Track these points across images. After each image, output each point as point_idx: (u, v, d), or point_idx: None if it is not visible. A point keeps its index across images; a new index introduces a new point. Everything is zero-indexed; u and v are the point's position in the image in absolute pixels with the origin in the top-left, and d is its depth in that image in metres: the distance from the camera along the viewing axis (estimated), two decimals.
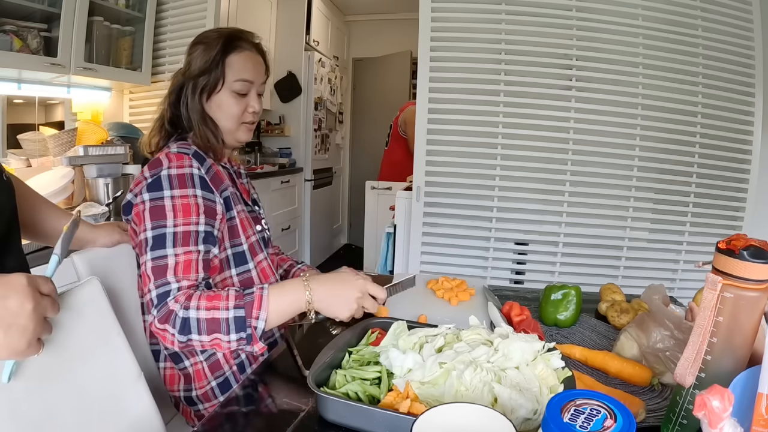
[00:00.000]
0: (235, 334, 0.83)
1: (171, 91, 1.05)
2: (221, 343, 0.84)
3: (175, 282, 0.87)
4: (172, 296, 0.85)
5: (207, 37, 1.05)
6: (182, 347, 0.86)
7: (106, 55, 2.25)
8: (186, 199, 0.92)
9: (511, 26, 2.06)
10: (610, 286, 1.21)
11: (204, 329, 0.82)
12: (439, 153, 2.13)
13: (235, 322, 0.82)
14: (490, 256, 2.16)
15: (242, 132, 1.09)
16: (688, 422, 0.60)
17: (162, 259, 0.88)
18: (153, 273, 0.88)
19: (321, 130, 4.23)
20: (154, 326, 0.85)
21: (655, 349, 0.83)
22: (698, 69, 2.04)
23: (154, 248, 0.89)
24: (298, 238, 3.96)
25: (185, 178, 0.94)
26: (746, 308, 0.56)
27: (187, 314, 0.83)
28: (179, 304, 0.84)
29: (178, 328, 0.83)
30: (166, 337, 0.85)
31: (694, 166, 2.08)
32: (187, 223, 0.91)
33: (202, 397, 1.04)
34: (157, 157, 0.97)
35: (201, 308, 0.83)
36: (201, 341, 0.84)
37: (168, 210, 0.91)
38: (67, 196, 1.97)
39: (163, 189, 0.92)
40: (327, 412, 0.66)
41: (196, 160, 0.98)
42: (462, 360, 0.67)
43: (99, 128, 2.30)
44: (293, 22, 3.83)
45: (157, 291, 0.86)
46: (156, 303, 0.86)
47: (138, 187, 0.96)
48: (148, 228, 0.90)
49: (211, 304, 0.83)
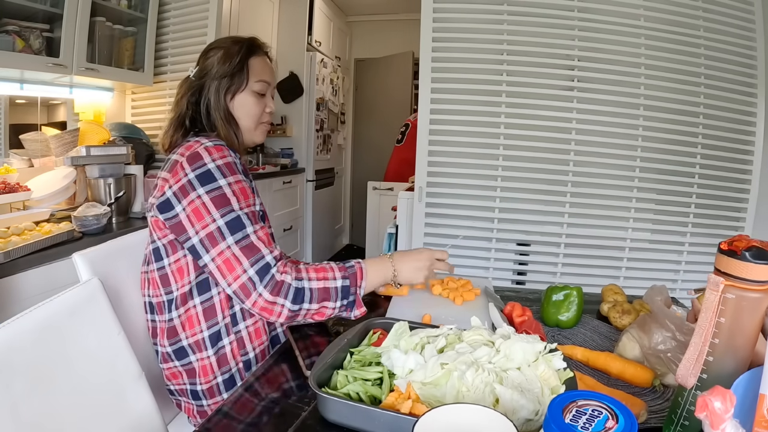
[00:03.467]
0: (340, 301, 0.95)
1: (191, 93, 1.09)
2: (326, 310, 0.95)
3: (269, 254, 0.93)
4: (274, 267, 0.92)
5: (223, 43, 1.12)
6: (289, 317, 0.92)
7: (108, 55, 2.26)
8: (240, 184, 0.98)
9: (512, 27, 2.06)
10: (611, 287, 1.20)
11: (316, 298, 0.93)
12: (441, 154, 2.13)
13: (342, 291, 0.95)
14: (491, 256, 2.16)
15: (259, 133, 1.17)
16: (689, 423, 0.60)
17: (246, 239, 0.93)
18: (243, 253, 0.92)
19: (323, 131, 4.23)
20: (262, 301, 0.90)
21: (656, 350, 0.83)
22: (700, 69, 2.04)
23: (233, 232, 0.93)
24: (300, 239, 3.96)
25: (232, 166, 0.99)
26: (748, 309, 0.55)
27: (301, 284, 0.92)
28: (288, 275, 0.92)
29: (291, 298, 0.91)
30: (275, 310, 0.91)
31: (696, 166, 2.08)
32: (249, 205, 0.98)
33: (207, 392, 1.04)
34: (193, 151, 0.98)
35: (313, 279, 0.94)
36: (309, 309, 0.93)
37: (230, 196, 0.95)
38: (69, 197, 1.98)
39: (217, 179, 0.95)
40: (328, 412, 0.67)
41: (231, 150, 1.03)
42: (463, 361, 0.67)
43: (101, 128, 2.30)
44: (295, 23, 3.84)
45: (254, 268, 0.91)
46: (259, 279, 0.90)
47: (179, 183, 0.96)
48: (217, 217, 0.93)
49: (321, 275, 0.95)
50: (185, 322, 1.02)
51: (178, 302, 1.02)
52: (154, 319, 1.06)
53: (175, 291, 1.02)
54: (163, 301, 1.03)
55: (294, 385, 0.82)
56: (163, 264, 1.02)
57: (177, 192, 0.96)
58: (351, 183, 5.27)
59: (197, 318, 1.02)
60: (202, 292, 1.02)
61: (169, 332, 1.03)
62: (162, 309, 1.04)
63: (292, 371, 0.86)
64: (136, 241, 1.16)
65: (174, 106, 1.11)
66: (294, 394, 0.79)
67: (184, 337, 1.03)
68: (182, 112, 1.08)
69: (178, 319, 1.03)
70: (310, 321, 0.97)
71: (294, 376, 0.85)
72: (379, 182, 3.45)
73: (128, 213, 2.05)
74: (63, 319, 0.81)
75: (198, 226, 0.93)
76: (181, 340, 1.03)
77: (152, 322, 1.07)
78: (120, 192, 1.96)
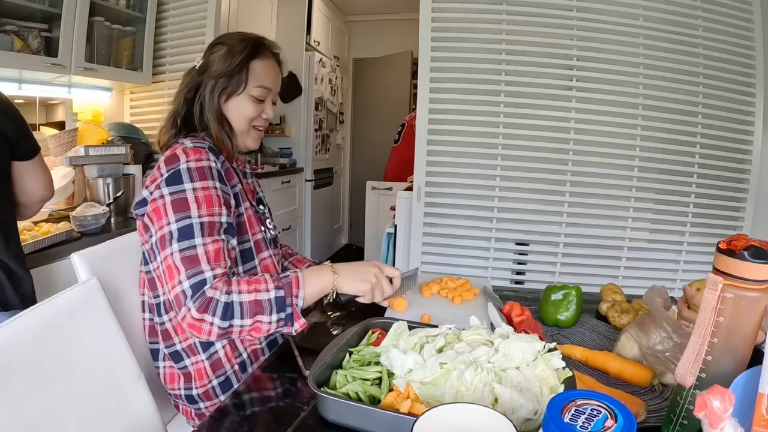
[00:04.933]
0: (275, 315, 0.87)
1: (188, 88, 1.06)
2: (261, 325, 0.87)
3: (210, 270, 0.87)
4: (209, 284, 0.86)
5: (230, 39, 1.07)
6: (220, 335, 0.86)
7: (106, 55, 2.25)
8: (207, 191, 0.94)
9: (511, 26, 2.06)
10: (610, 287, 1.20)
11: (247, 312, 0.86)
12: (439, 153, 2.13)
13: (276, 302, 0.87)
14: (490, 256, 2.16)
15: (251, 138, 1.12)
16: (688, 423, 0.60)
17: (191, 249, 0.88)
18: (183, 263, 0.87)
19: (322, 131, 4.23)
20: (190, 318, 0.84)
21: (655, 350, 0.83)
22: (699, 69, 2.04)
23: (181, 239, 0.88)
24: (299, 238, 3.96)
25: (204, 171, 0.95)
26: (747, 308, 0.56)
27: (229, 299, 0.85)
28: (218, 290, 0.85)
29: (219, 315, 0.84)
30: (203, 328, 0.85)
31: (694, 166, 2.08)
32: (211, 214, 0.92)
33: (203, 396, 1.04)
34: (173, 152, 0.97)
35: (243, 292, 0.86)
36: (242, 326, 0.86)
37: (191, 201, 0.91)
38: (67, 196, 1.97)
39: (183, 182, 0.92)
40: (327, 412, 0.66)
41: (212, 153, 0.99)
42: (463, 360, 0.67)
43: (100, 128, 2.30)
44: (294, 23, 3.83)
45: (190, 281, 0.86)
46: (191, 294, 0.85)
47: (154, 183, 0.95)
48: (172, 221, 0.90)
49: (252, 287, 0.87)
50: (177, 326, 1.02)
51: (167, 307, 1.02)
52: (151, 318, 1.06)
53: (162, 296, 1.02)
54: (154, 303, 1.03)
55: (293, 385, 0.82)
56: (149, 267, 1.02)
57: (151, 191, 0.95)
58: (350, 183, 5.26)
59: None
60: None
61: (163, 334, 1.03)
62: (154, 311, 1.04)
63: (291, 371, 0.86)
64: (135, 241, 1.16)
65: (173, 98, 1.09)
66: (293, 394, 0.79)
67: (177, 342, 1.03)
68: (178, 108, 1.07)
69: (169, 323, 1.03)
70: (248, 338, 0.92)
71: (293, 376, 0.85)
72: (377, 182, 3.45)
73: (127, 213, 2.05)
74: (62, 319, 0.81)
75: (156, 226, 0.92)
76: (175, 344, 1.03)
77: (149, 321, 1.06)
78: (119, 192, 1.96)
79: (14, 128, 1.20)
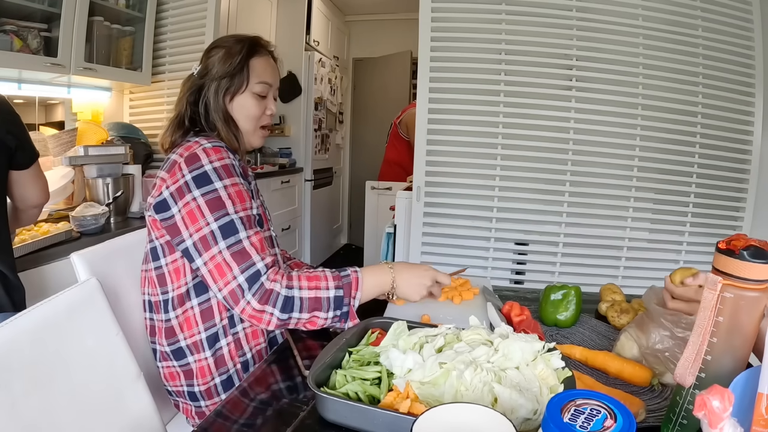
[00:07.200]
0: (332, 312, 0.92)
1: (190, 92, 1.08)
2: (318, 320, 0.92)
3: (261, 260, 0.91)
4: (264, 275, 0.90)
5: (226, 42, 1.10)
6: (278, 325, 0.91)
7: (106, 55, 2.25)
8: (237, 187, 0.97)
9: (511, 26, 2.06)
10: (610, 287, 1.21)
11: (306, 307, 0.90)
12: (439, 153, 2.13)
13: (335, 301, 0.92)
14: (490, 256, 2.16)
15: (258, 136, 1.15)
16: (688, 422, 0.60)
17: (238, 244, 0.91)
18: (234, 259, 0.90)
19: (321, 130, 4.23)
20: (251, 309, 0.89)
21: (654, 350, 0.83)
22: (698, 69, 2.04)
23: (226, 236, 0.91)
24: (298, 238, 3.96)
25: (229, 168, 0.98)
26: (746, 308, 0.56)
27: (290, 293, 0.90)
28: (278, 283, 0.90)
29: (279, 307, 0.89)
30: (263, 318, 0.89)
31: (694, 166, 2.08)
32: (245, 208, 0.97)
33: (204, 393, 1.04)
34: (191, 152, 0.97)
35: (303, 288, 0.91)
36: (299, 319, 0.91)
37: (225, 199, 0.94)
38: (67, 196, 1.97)
39: (213, 181, 0.94)
40: (327, 412, 0.66)
41: (230, 152, 1.02)
42: (462, 360, 0.67)
43: (99, 128, 2.30)
44: (293, 22, 3.83)
45: (244, 275, 0.90)
46: (248, 286, 0.89)
47: (176, 184, 0.95)
48: (210, 221, 0.92)
49: (313, 284, 0.92)
50: (183, 323, 1.02)
51: (176, 303, 1.02)
52: (152, 317, 1.06)
53: (171, 291, 1.02)
54: (160, 300, 1.03)
55: (293, 384, 0.82)
56: (160, 264, 1.02)
57: (174, 193, 0.95)
58: (349, 182, 5.27)
59: (195, 319, 1.02)
60: (200, 294, 1.02)
61: (167, 332, 1.03)
62: (159, 308, 1.04)
63: (290, 371, 0.86)
64: (135, 241, 1.16)
65: (175, 105, 1.11)
66: (292, 393, 0.79)
67: (182, 338, 1.03)
68: (182, 112, 1.08)
69: (176, 320, 1.02)
70: (302, 329, 0.95)
71: (292, 375, 0.85)
72: (377, 182, 3.45)
73: (126, 213, 2.05)
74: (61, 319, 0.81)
75: (192, 228, 0.93)
76: (179, 341, 1.03)
77: (150, 321, 1.07)
78: (118, 192, 1.96)
79: (14, 137, 1.19)
